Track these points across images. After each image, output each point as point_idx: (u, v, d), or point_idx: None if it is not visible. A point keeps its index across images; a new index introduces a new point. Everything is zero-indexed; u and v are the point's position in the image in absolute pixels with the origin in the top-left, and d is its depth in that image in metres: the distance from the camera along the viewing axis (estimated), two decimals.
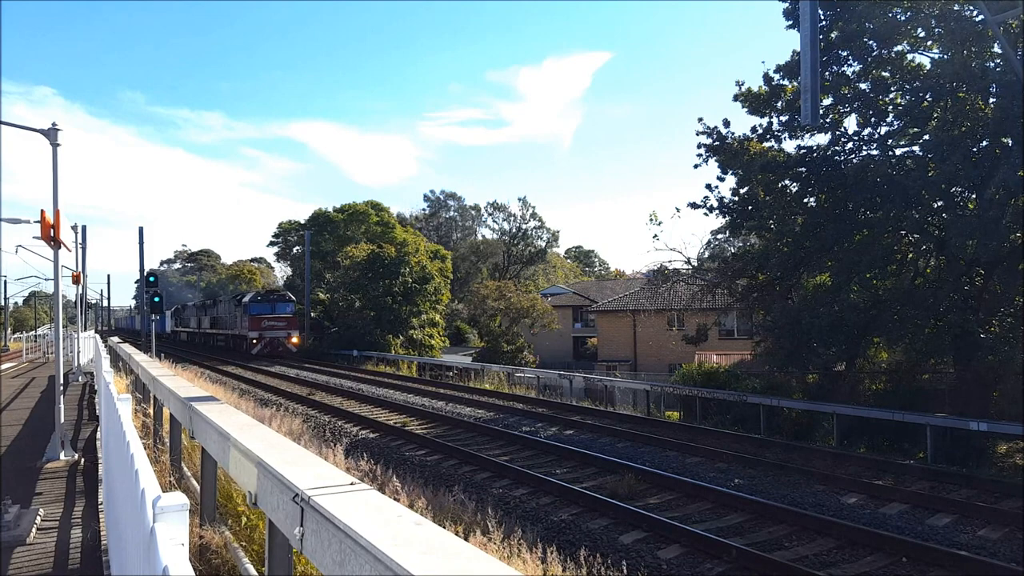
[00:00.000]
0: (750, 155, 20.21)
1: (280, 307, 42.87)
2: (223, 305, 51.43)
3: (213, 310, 54.27)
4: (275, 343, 41.85)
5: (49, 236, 12.08)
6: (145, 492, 2.98)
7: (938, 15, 17.25)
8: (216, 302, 55.40)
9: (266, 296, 44.49)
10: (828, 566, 7.57)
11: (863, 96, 18.75)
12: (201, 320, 57.85)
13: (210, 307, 56.28)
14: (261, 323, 41.61)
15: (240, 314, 44.04)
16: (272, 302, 43.02)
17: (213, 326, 52.77)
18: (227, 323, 48.44)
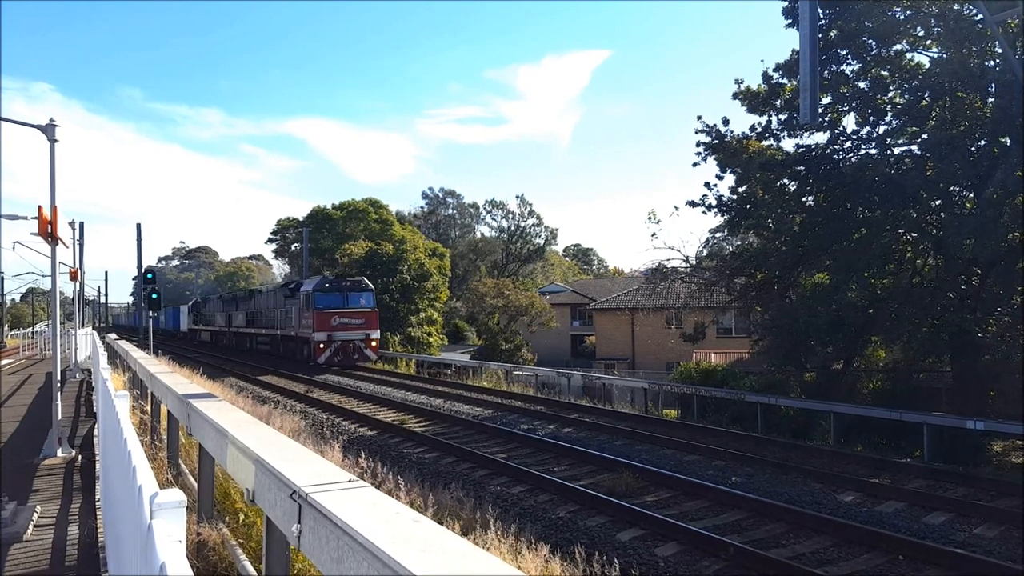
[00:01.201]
0: (749, 154, 20.21)
1: (355, 298, 32.34)
2: (265, 296, 40.61)
3: (249, 303, 43.57)
4: (350, 349, 31.18)
5: (47, 232, 12.06)
6: (142, 489, 2.97)
7: (937, 14, 17.24)
8: (253, 293, 44.67)
9: (336, 283, 32.90)
10: (825, 564, 7.58)
11: (862, 95, 18.76)
12: (232, 316, 47.07)
13: (243, 300, 45.51)
14: (330, 320, 30.93)
15: (296, 308, 33.48)
16: (344, 291, 32.15)
17: (251, 324, 42.06)
18: (272, 320, 37.80)
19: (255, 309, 41.78)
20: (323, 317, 30.85)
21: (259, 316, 40.79)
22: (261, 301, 40.98)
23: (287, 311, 34.89)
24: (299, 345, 33.44)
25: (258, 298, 42.13)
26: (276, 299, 37.65)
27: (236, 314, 45.86)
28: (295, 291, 33.94)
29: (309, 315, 31.41)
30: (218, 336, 51.69)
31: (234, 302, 47.79)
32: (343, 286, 32.47)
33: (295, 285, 35.01)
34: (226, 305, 49.66)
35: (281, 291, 36.95)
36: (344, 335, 31.14)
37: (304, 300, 32.25)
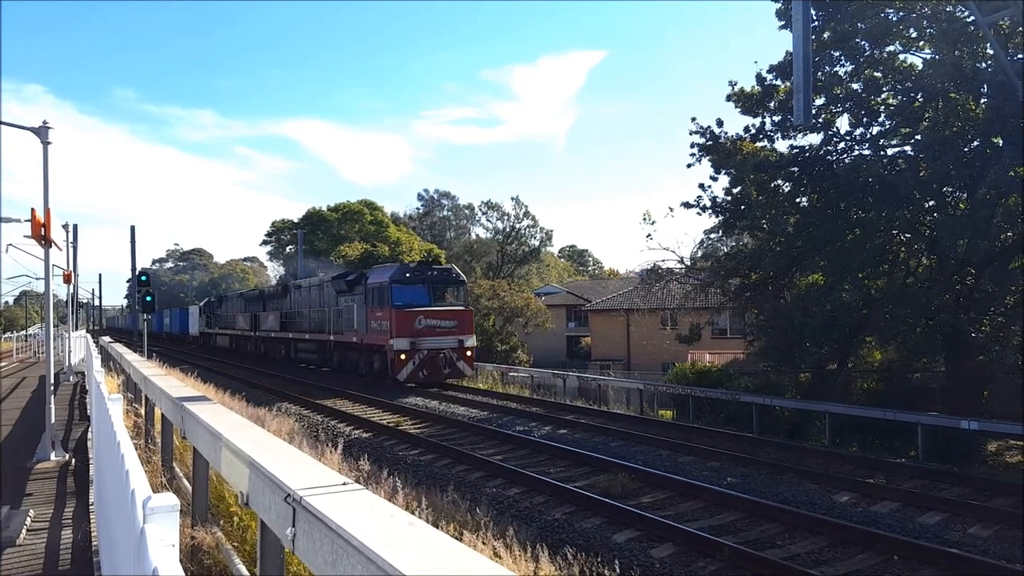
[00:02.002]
0: (743, 155, 20.26)
1: (444, 292, 24.98)
2: (308, 292, 32.19)
3: (283, 301, 35.43)
4: (440, 361, 23.56)
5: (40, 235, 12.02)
6: (135, 492, 2.96)
7: (930, 16, 17.32)
8: (288, 288, 35.72)
9: (419, 272, 24.84)
10: (820, 564, 7.59)
11: (855, 96, 18.82)
12: (259, 318, 38.70)
13: (275, 297, 37.34)
14: (414, 322, 23.25)
15: (358, 306, 25.76)
16: (429, 282, 24.39)
17: (287, 327, 34.15)
18: (320, 322, 29.76)
19: (293, 308, 33.90)
20: (404, 318, 23.03)
21: (299, 317, 32.97)
22: (302, 298, 32.74)
23: (342, 310, 27.33)
24: (363, 355, 26.03)
25: (296, 294, 33.75)
26: (324, 295, 29.77)
27: (265, 315, 37.78)
28: (356, 283, 26.40)
29: (383, 315, 23.69)
30: (240, 341, 43.63)
31: (261, 300, 39.56)
32: (428, 276, 24.60)
33: (353, 276, 27.55)
34: (250, 304, 41.47)
35: (333, 284, 28.49)
36: (432, 342, 23.35)
37: (375, 295, 24.45)
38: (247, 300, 42.85)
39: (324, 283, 30.48)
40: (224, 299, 50.08)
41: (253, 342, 40.42)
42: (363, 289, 25.57)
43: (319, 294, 30.66)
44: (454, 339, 23.83)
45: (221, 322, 48.27)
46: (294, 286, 34.96)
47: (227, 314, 46.95)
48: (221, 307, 49.20)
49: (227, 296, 50.63)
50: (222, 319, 48.16)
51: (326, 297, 29.61)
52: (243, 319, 42.21)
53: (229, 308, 46.90)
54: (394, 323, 23.09)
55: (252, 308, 40.73)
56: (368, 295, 25.01)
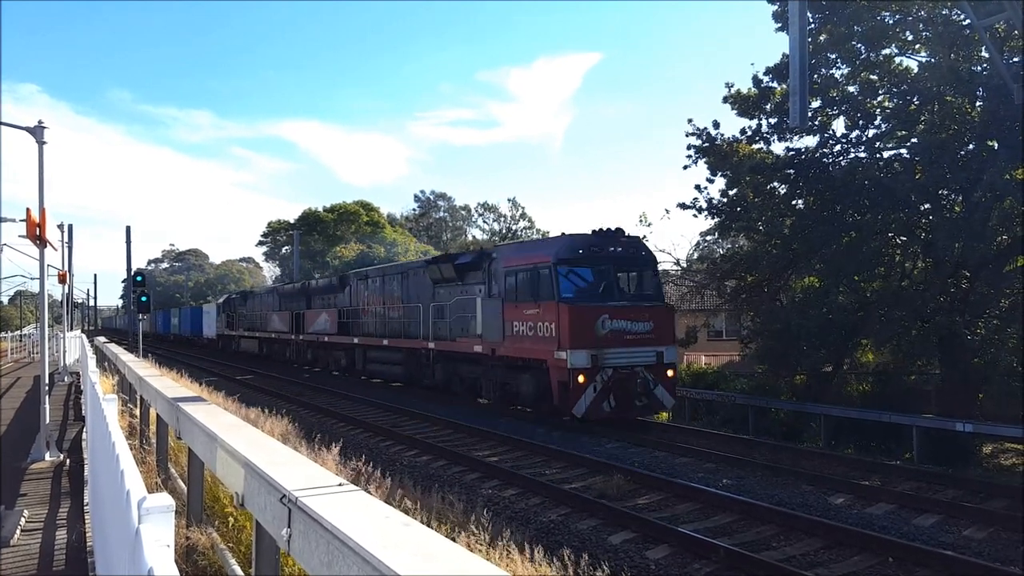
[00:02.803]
0: (739, 157, 20.32)
1: (632, 278, 16.86)
2: (386, 281, 24.42)
3: (339, 296, 28.35)
4: (633, 385, 15.39)
5: (35, 235, 11.99)
6: (130, 493, 2.95)
7: (926, 19, 17.39)
8: (348, 279, 28.00)
9: (598, 246, 16.23)
10: (815, 566, 7.60)
11: (851, 99, 18.88)
12: (304, 317, 31.10)
13: (328, 290, 29.88)
14: (595, 324, 15.27)
15: (488, 298, 17.92)
16: (613, 262, 16.28)
17: (350, 329, 26.27)
18: (407, 323, 22.08)
19: (357, 304, 26.27)
20: (582, 319, 15.03)
21: (368, 317, 25.21)
22: (372, 291, 25.20)
23: (448, 307, 19.48)
24: (494, 373, 17.50)
25: (361, 287, 26.20)
26: (412, 286, 22.27)
27: (314, 314, 30.26)
28: (473, 267, 18.75)
29: (542, 314, 15.53)
30: (274, 346, 36.02)
31: (305, 295, 32.16)
32: (612, 254, 16.11)
33: (470, 257, 19.33)
34: (289, 300, 34.23)
35: (430, 271, 20.53)
36: (621, 356, 15.29)
37: (523, 283, 16.32)
38: (284, 296, 35.33)
39: (411, 270, 22.72)
40: (250, 295, 42.96)
41: (294, 348, 32.70)
42: (488, 274, 17.91)
43: (403, 285, 22.97)
44: (651, 351, 15.54)
45: (246, 322, 40.99)
46: (357, 276, 27.15)
47: (255, 313, 39.62)
48: (246, 305, 41.89)
49: (254, 292, 43.51)
50: (248, 319, 40.88)
51: (414, 289, 22.06)
52: (279, 319, 34.73)
53: (258, 306, 39.40)
54: (566, 326, 14.83)
55: (292, 305, 33.32)
56: (503, 283, 17.03)
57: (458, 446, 13.99)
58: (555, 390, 15.26)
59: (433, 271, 20.49)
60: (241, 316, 42.21)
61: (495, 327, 17.21)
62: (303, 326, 31.25)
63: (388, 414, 18.31)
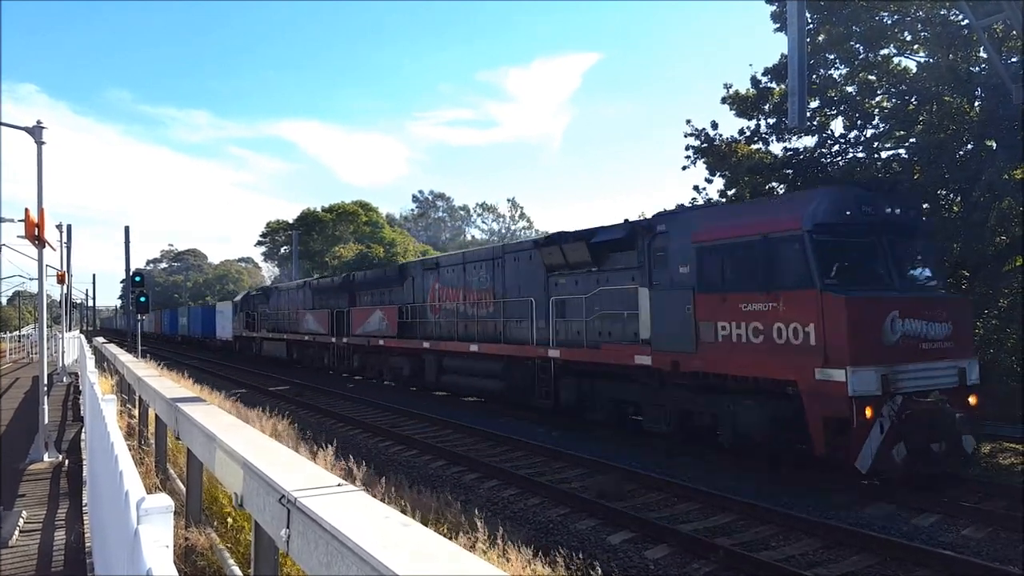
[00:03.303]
0: (738, 157, 20.30)
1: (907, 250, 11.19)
2: (468, 271, 19.96)
3: (397, 291, 24.05)
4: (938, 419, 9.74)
5: (33, 235, 11.99)
6: (129, 494, 2.95)
7: (924, 19, 17.39)
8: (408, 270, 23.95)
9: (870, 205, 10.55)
10: (814, 565, 7.61)
11: (850, 99, 18.88)
12: (350, 317, 26.25)
13: (383, 283, 25.46)
14: (882, 325, 9.72)
15: (666, 288, 12.61)
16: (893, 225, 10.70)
17: (416, 331, 21.98)
18: (508, 322, 17.82)
19: (424, 301, 21.88)
20: (863, 316, 9.83)
21: (444, 314, 20.70)
22: (449, 282, 20.61)
23: (586, 300, 14.89)
24: (676, 394, 12.52)
25: (430, 279, 21.69)
26: (517, 271, 17.59)
27: (363, 312, 25.31)
28: (626, 242, 14.12)
29: (778, 308, 10.49)
30: (307, 350, 31.43)
31: (347, 289, 27.59)
32: (889, 219, 10.82)
33: (621, 232, 14.39)
34: (327, 296, 29.74)
35: (555, 249, 15.80)
36: (919, 374, 10.06)
37: (750, 261, 11.13)
38: (319, 292, 30.97)
39: (510, 255, 17.91)
40: (273, 292, 38.26)
41: (334, 352, 28.14)
42: (648, 255, 13.14)
43: (497, 274, 18.23)
44: (951, 367, 10.41)
45: (270, 322, 36.49)
46: (425, 266, 22.58)
47: (281, 312, 35.12)
48: (269, 302, 37.43)
49: (279, 288, 38.23)
50: (272, 319, 36.25)
51: (516, 278, 17.40)
52: (314, 319, 30.03)
53: (285, 303, 34.91)
54: (842, 329, 9.72)
55: (330, 302, 29.04)
56: (687, 265, 12.19)
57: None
58: (816, 430, 9.76)
59: (551, 254, 15.84)
60: (263, 315, 37.68)
61: (679, 330, 12.10)
62: (347, 327, 26.52)
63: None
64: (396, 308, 23.21)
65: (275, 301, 36.79)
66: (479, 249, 21.74)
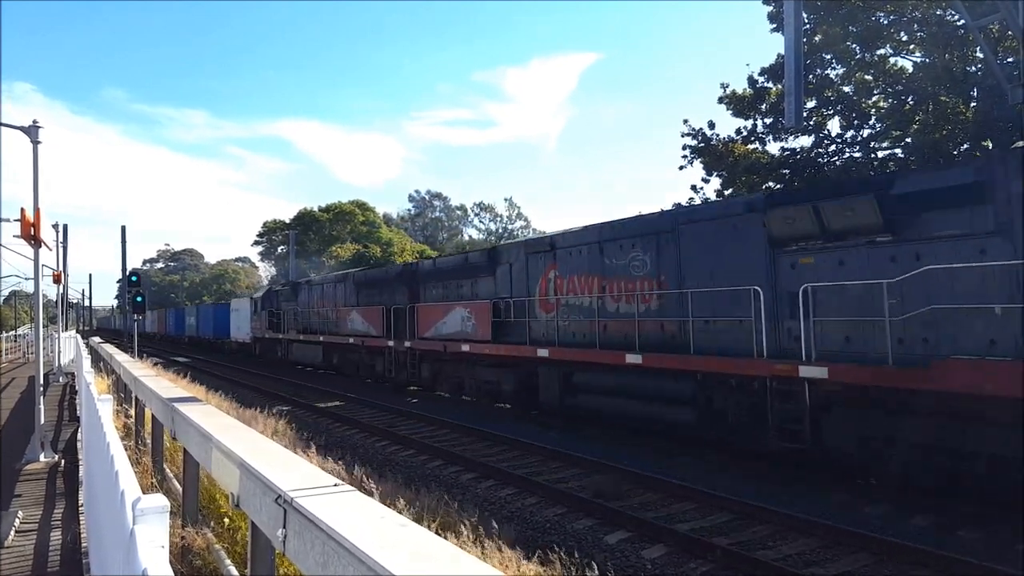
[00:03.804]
0: (735, 157, 20.35)
1: None
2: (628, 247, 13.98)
3: (486, 279, 18.87)
4: None
5: (29, 235, 11.96)
6: (125, 494, 2.95)
7: (920, 19, 17.44)
8: (500, 254, 18.62)
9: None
10: (811, 565, 7.61)
11: (846, 99, 18.93)
12: (407, 318, 21.90)
13: (470, 271, 19.76)
14: None
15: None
16: None
17: (516, 333, 17.09)
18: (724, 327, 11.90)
19: (542, 290, 16.49)
20: None
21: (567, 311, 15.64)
22: (576, 265, 15.52)
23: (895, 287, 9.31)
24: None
25: (542, 261, 16.54)
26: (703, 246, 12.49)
27: (436, 310, 20.43)
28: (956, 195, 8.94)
29: None
30: (351, 355, 26.22)
31: (407, 281, 22.66)
32: None
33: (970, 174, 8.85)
34: (375, 290, 25.20)
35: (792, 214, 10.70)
36: None
37: None
38: (366, 285, 26.10)
39: (692, 225, 12.84)
40: (303, 287, 32.73)
41: (391, 359, 22.58)
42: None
43: (667, 253, 13.22)
44: None
45: (301, 322, 31.47)
46: (532, 249, 16.89)
47: (314, 309, 30.31)
48: (298, 298, 32.61)
49: (311, 283, 32.58)
50: (303, 318, 31.34)
51: (699, 257, 12.56)
52: (361, 317, 24.91)
53: (319, 299, 30.09)
54: None
55: (383, 297, 24.39)
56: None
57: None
58: None
59: (788, 220, 10.80)
60: (291, 314, 32.65)
61: None
62: (412, 327, 21.39)
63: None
64: (488, 304, 17.99)
65: (306, 297, 31.71)
66: (623, 220, 14.76)
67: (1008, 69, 14.67)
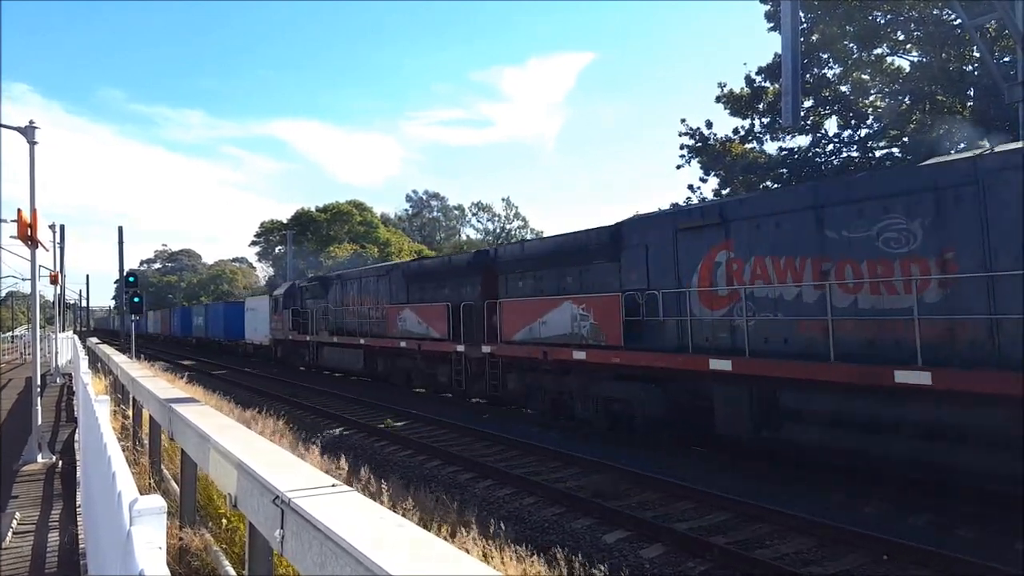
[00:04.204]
0: (732, 156, 20.37)
1: None
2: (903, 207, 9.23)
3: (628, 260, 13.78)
4: None
5: (26, 235, 11.94)
6: (122, 495, 2.94)
7: (917, 18, 17.46)
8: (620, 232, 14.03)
9: None
10: (809, 564, 7.62)
11: (843, 98, 18.95)
12: (480, 316, 18.16)
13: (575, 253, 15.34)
14: None
15: None
16: None
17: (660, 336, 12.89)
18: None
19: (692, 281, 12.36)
20: None
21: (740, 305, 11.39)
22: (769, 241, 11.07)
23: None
24: None
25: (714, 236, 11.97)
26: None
27: (524, 309, 16.50)
28: None
29: None
30: (401, 362, 22.47)
31: (484, 267, 18.90)
32: None
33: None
34: (433, 283, 21.32)
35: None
36: None
37: None
38: (421, 278, 21.90)
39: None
40: (333, 282, 28.31)
41: (461, 367, 18.93)
42: None
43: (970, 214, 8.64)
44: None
45: (333, 322, 27.39)
46: (686, 224, 12.65)
47: (351, 308, 26.01)
48: (329, 295, 28.10)
49: (344, 276, 27.83)
50: (337, 317, 27.24)
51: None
52: (419, 317, 20.95)
53: (357, 295, 25.80)
54: None
55: (441, 291, 20.57)
56: None
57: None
58: None
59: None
60: (321, 313, 28.23)
61: None
62: (491, 328, 17.59)
63: None
64: (617, 299, 13.73)
65: (338, 294, 27.21)
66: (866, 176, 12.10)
67: (1005, 68, 14.68)
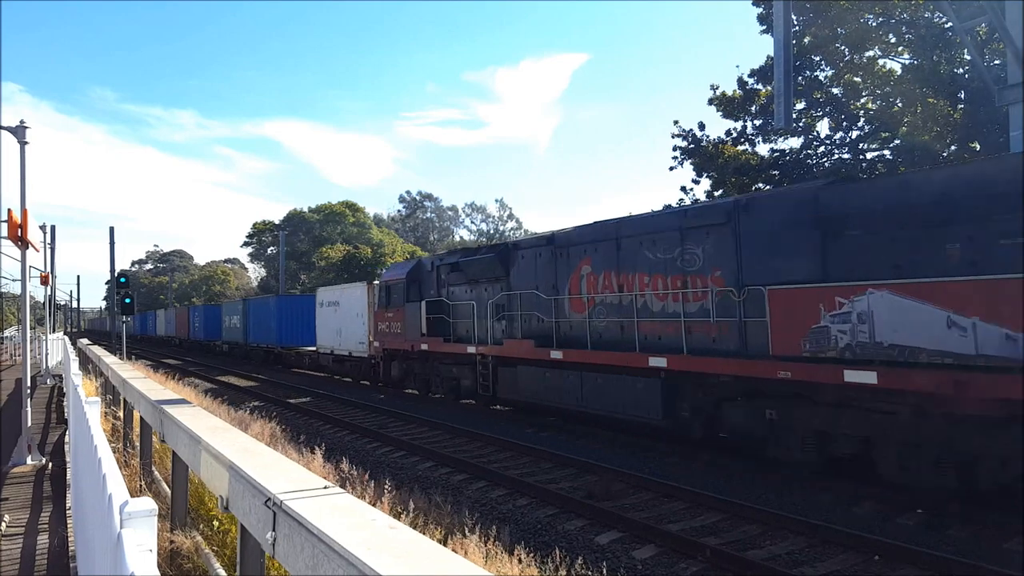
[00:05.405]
0: (724, 158, 20.42)
1: None
2: None
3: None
4: None
5: (16, 236, 11.87)
6: (112, 497, 2.92)
7: (908, 21, 17.56)
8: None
9: None
10: (800, 564, 7.64)
11: (835, 100, 19.03)
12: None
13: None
14: None
15: None
16: None
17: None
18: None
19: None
20: None
21: None
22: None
23: None
24: None
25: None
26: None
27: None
28: None
29: None
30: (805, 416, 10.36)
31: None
32: None
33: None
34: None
35: None
36: None
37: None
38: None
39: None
40: (512, 253, 16.97)
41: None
42: None
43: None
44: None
45: (537, 325, 15.86)
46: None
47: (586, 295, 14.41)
48: (509, 275, 16.93)
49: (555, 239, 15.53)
50: (552, 311, 15.24)
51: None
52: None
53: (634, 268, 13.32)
54: None
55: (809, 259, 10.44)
56: None
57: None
58: None
59: None
60: (491, 307, 17.13)
61: None
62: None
63: None
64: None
65: (527, 273, 16.37)
66: None
67: (995, 71, 14.77)
